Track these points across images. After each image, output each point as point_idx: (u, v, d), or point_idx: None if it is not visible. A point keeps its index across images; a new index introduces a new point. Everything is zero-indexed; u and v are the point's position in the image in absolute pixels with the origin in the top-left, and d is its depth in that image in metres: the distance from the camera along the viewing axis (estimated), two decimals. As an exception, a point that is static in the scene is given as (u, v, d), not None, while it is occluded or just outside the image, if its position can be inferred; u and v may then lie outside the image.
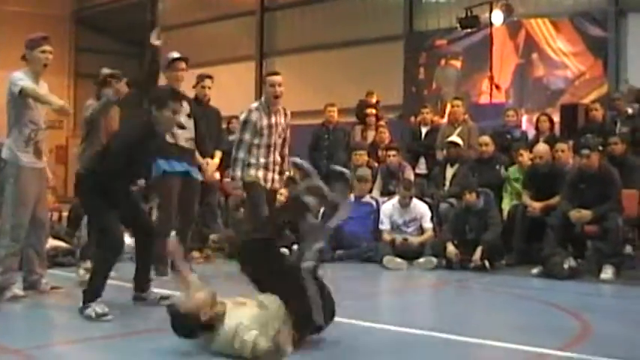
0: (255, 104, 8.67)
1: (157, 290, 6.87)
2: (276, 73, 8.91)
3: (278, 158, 8.69)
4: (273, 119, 8.61)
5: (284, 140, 8.81)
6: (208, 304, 4.78)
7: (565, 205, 9.20)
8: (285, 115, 8.76)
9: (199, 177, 8.55)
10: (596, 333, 5.80)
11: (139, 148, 6.41)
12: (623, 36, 16.06)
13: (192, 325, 4.77)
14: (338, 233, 10.67)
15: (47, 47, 7.13)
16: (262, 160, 8.59)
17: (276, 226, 5.65)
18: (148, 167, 7.48)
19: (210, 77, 9.86)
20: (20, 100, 6.93)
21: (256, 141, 8.55)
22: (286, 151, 8.88)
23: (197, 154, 8.51)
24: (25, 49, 7.11)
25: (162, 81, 8.43)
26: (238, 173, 8.59)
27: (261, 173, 8.57)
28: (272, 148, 8.63)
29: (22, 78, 6.92)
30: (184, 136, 8.18)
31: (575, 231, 9.20)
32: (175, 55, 8.57)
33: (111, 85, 8.00)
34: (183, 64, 8.50)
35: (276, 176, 8.72)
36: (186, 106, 8.01)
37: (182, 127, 7.35)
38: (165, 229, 7.61)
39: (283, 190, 9.84)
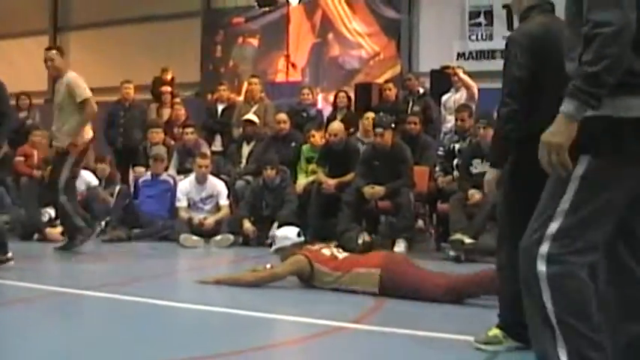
0: None
1: None
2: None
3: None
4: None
5: None
6: None
7: (359, 182, 9.39)
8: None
9: None
10: (387, 306, 5.92)
11: None
12: (416, 18, 16.55)
13: None
14: (134, 212, 10.53)
15: None
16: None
17: None
18: None
19: None
20: None
21: None
22: None
23: None
24: None
25: None
26: None
27: None
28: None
29: None
30: None
31: (368, 207, 9.44)
32: None
33: None
34: None
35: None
36: None
37: None
38: None
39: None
